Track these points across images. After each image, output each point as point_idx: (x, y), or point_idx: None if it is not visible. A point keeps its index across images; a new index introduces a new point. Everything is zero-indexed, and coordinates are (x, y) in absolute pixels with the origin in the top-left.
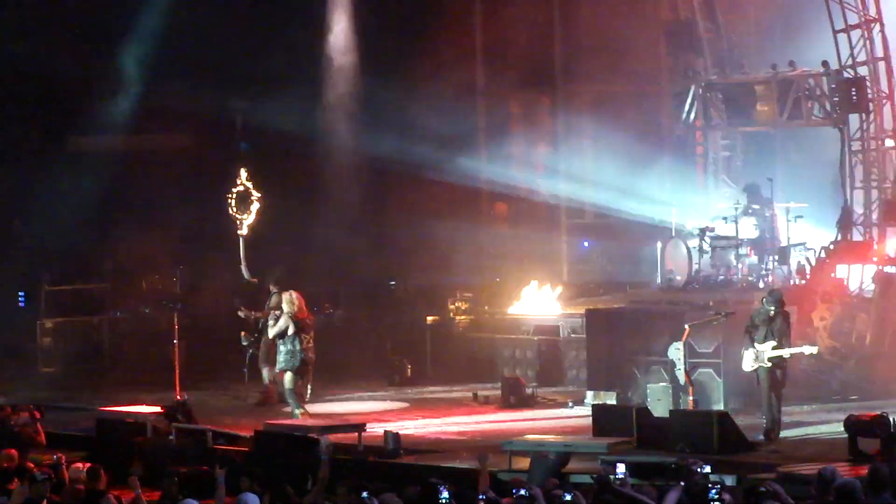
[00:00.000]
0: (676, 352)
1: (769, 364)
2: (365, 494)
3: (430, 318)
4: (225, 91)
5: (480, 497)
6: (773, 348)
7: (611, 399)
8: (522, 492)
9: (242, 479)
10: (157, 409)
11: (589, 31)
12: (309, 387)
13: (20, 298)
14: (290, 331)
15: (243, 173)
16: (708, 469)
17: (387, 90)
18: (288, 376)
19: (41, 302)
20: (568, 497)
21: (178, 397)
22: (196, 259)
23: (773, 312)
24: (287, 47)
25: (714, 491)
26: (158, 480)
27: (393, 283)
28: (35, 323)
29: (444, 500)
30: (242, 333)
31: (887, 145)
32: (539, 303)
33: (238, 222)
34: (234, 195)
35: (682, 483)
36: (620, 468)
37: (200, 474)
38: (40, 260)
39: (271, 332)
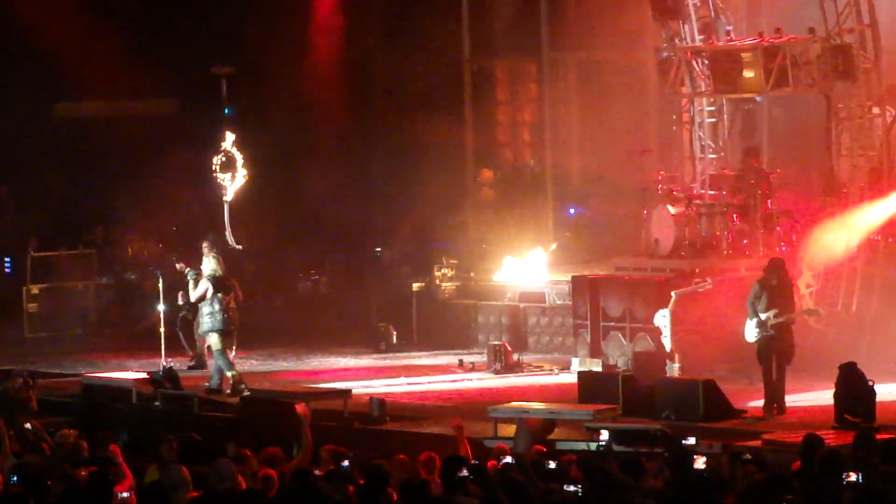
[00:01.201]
0: (663, 319)
1: (772, 332)
2: (346, 463)
3: (415, 285)
4: (210, 56)
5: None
6: (775, 316)
7: (596, 366)
8: (508, 459)
9: (229, 444)
10: (143, 375)
11: None
12: (233, 348)
13: (6, 264)
14: (210, 292)
15: (229, 138)
16: (692, 441)
17: (374, 55)
18: (213, 337)
19: (27, 267)
20: (553, 465)
21: (164, 363)
22: (183, 225)
23: (774, 281)
24: (272, 9)
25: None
26: (143, 447)
27: (379, 250)
28: (21, 289)
29: None
30: (180, 293)
31: (874, 113)
32: (525, 270)
33: (223, 189)
34: (220, 161)
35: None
36: (604, 435)
37: (188, 441)
38: (26, 226)
39: (193, 296)
